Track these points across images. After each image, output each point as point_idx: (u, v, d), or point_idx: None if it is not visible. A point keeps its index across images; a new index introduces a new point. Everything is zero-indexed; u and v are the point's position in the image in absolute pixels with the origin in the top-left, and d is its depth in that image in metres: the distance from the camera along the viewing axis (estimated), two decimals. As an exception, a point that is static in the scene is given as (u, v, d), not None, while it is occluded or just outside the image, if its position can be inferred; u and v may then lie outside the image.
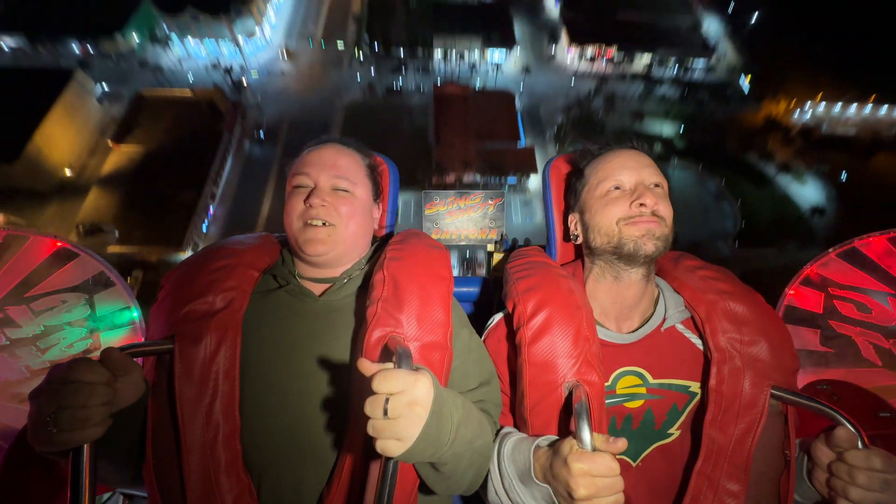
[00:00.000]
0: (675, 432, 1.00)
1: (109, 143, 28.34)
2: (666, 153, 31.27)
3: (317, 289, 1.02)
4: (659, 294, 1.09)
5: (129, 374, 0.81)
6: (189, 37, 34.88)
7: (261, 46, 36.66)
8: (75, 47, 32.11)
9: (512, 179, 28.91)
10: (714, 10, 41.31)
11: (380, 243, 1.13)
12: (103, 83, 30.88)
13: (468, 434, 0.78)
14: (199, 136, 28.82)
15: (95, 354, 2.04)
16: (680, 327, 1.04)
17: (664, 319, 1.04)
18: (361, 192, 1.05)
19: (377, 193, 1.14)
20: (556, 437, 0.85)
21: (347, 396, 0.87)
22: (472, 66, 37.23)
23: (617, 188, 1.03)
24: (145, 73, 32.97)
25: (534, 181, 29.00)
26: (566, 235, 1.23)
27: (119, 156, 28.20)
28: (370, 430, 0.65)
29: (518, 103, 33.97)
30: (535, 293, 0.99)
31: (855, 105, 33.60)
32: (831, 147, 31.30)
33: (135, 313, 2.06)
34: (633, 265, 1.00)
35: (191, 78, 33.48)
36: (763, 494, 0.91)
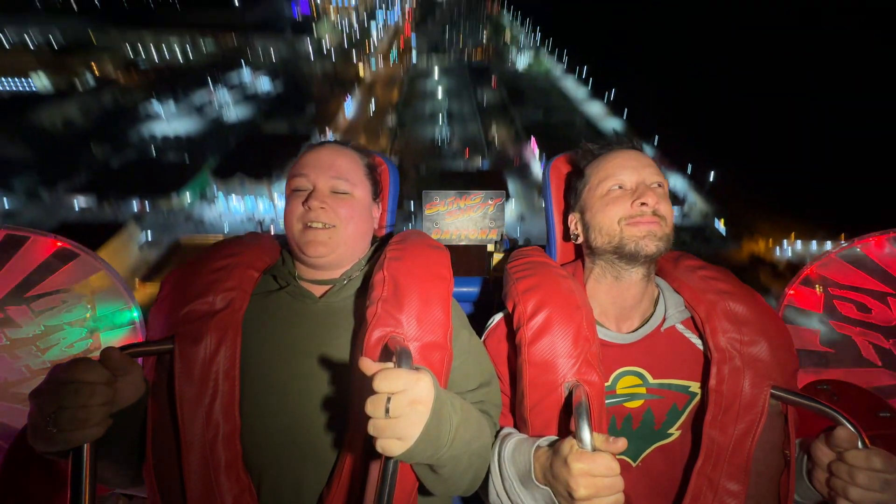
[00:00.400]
0: (674, 432, 1.00)
1: (137, 282, 30.03)
2: None
3: (317, 290, 1.02)
4: (659, 294, 1.09)
5: (129, 374, 0.81)
6: (233, 195, 40.78)
7: None
8: (135, 204, 36.88)
9: None
10: (676, 171, 45.60)
11: (380, 243, 1.12)
12: (148, 232, 34.60)
13: (467, 436, 0.78)
14: None
15: (95, 354, 2.04)
16: (680, 327, 1.04)
17: (664, 319, 1.04)
18: (361, 193, 1.05)
19: (377, 193, 1.13)
20: (557, 438, 0.85)
21: (347, 396, 0.88)
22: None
23: (618, 187, 1.03)
24: (188, 224, 37.45)
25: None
26: (566, 235, 1.23)
27: (142, 294, 29.26)
28: (371, 430, 0.65)
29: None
30: (535, 293, 0.99)
31: (829, 242, 35.13)
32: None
33: (135, 313, 2.06)
34: (634, 265, 1.00)
35: (226, 228, 38.06)
36: (763, 494, 0.91)
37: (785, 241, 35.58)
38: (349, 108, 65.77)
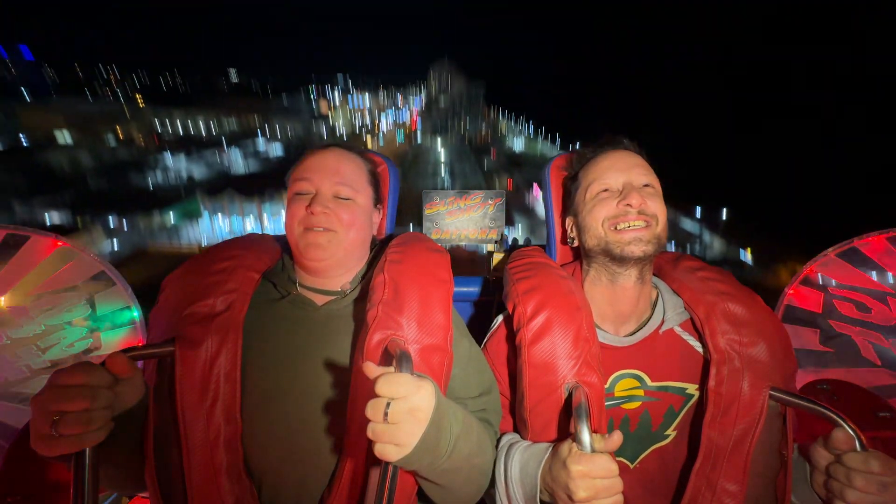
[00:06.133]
0: (671, 433, 1.00)
1: None
2: None
3: (318, 300, 1.02)
4: (658, 296, 1.09)
5: (131, 377, 0.81)
6: (219, 213, 38.15)
7: (281, 228, 40.71)
8: (112, 221, 34.56)
9: None
10: (684, 215, 46.86)
11: (380, 246, 1.12)
12: (114, 241, 32.52)
13: (466, 449, 0.78)
14: None
15: (96, 354, 2.04)
16: (678, 329, 1.04)
17: (662, 322, 1.04)
18: (363, 199, 1.04)
19: (378, 199, 1.13)
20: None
21: (348, 400, 0.88)
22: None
23: (605, 190, 1.03)
24: (161, 235, 35.30)
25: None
26: (564, 238, 1.23)
27: None
28: (370, 433, 0.65)
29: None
30: (536, 294, 0.99)
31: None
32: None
33: (135, 313, 2.06)
34: (626, 267, 1.00)
35: (204, 242, 35.44)
36: (761, 495, 0.92)
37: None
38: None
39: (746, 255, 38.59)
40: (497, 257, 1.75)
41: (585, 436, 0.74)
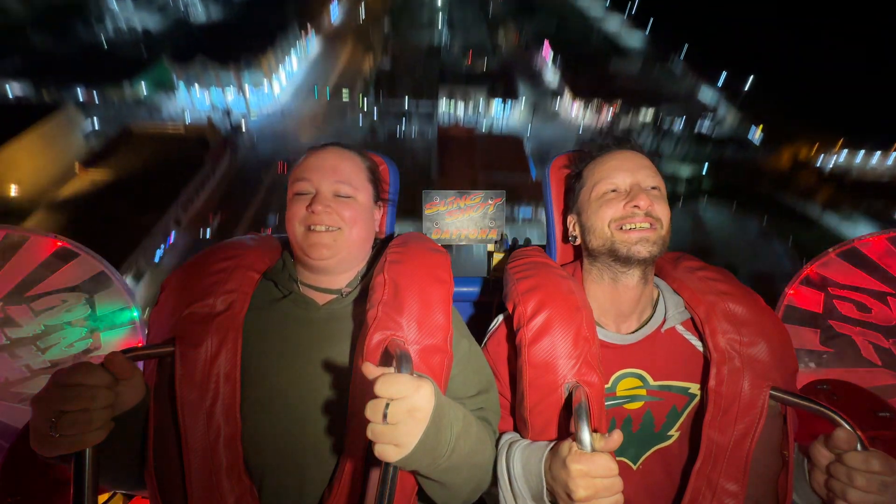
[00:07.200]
0: (674, 434, 1.00)
1: (77, 166, 26.03)
2: (692, 192, 30.58)
3: (319, 299, 1.02)
4: (659, 295, 1.09)
5: (131, 377, 0.81)
6: (196, 84, 35.12)
7: (266, 99, 37.03)
8: (80, 93, 31.90)
9: (526, 212, 25.71)
10: (706, 82, 43.78)
11: (380, 246, 1.12)
12: (95, 119, 30.00)
13: (466, 448, 0.78)
14: (177, 165, 26.27)
15: (95, 354, 2.04)
16: (680, 328, 1.04)
17: (664, 321, 1.04)
18: (363, 197, 1.04)
19: (378, 196, 1.13)
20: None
21: (348, 400, 0.88)
22: (478, 113, 37.66)
23: (613, 190, 1.03)
24: (142, 112, 32.50)
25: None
26: (566, 236, 1.23)
27: (82, 181, 25.74)
28: (369, 434, 0.65)
29: (527, 146, 32.94)
30: (536, 294, 0.99)
31: (879, 153, 33.34)
32: (870, 192, 30.41)
33: (135, 313, 2.06)
34: (629, 267, 1.00)
35: (188, 119, 32.94)
36: (762, 495, 0.92)
37: (831, 150, 33.94)
38: (335, 11, 58.58)
39: (755, 134, 36.81)
40: (497, 257, 1.75)
41: (586, 435, 0.74)
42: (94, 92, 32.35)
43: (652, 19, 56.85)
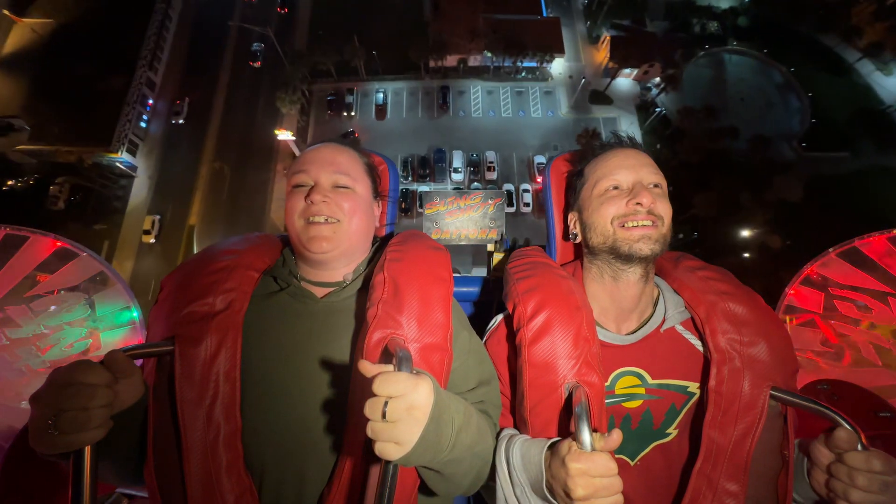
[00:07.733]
0: (672, 432, 1.00)
1: (7, 13, 21.30)
2: (722, 33, 24.76)
3: (318, 292, 1.02)
4: (659, 294, 1.09)
5: (130, 375, 0.81)
6: None
7: None
8: None
9: (530, 63, 21.81)
10: None
11: (380, 244, 1.12)
12: None
13: (468, 440, 0.78)
14: (125, 5, 21.26)
15: (95, 354, 2.04)
16: (679, 328, 1.04)
17: (664, 320, 1.04)
18: (362, 189, 1.05)
19: (377, 191, 1.14)
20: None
21: (348, 397, 0.88)
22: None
23: (615, 188, 1.03)
24: None
25: (558, 65, 22.25)
26: (566, 234, 1.23)
27: (22, 31, 21.49)
28: (369, 432, 0.65)
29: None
30: (536, 294, 0.99)
31: None
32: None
33: (134, 313, 2.06)
34: (630, 265, 1.00)
35: None
36: (762, 494, 0.91)
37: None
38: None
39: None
40: (497, 257, 1.75)
41: (586, 435, 0.74)
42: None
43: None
